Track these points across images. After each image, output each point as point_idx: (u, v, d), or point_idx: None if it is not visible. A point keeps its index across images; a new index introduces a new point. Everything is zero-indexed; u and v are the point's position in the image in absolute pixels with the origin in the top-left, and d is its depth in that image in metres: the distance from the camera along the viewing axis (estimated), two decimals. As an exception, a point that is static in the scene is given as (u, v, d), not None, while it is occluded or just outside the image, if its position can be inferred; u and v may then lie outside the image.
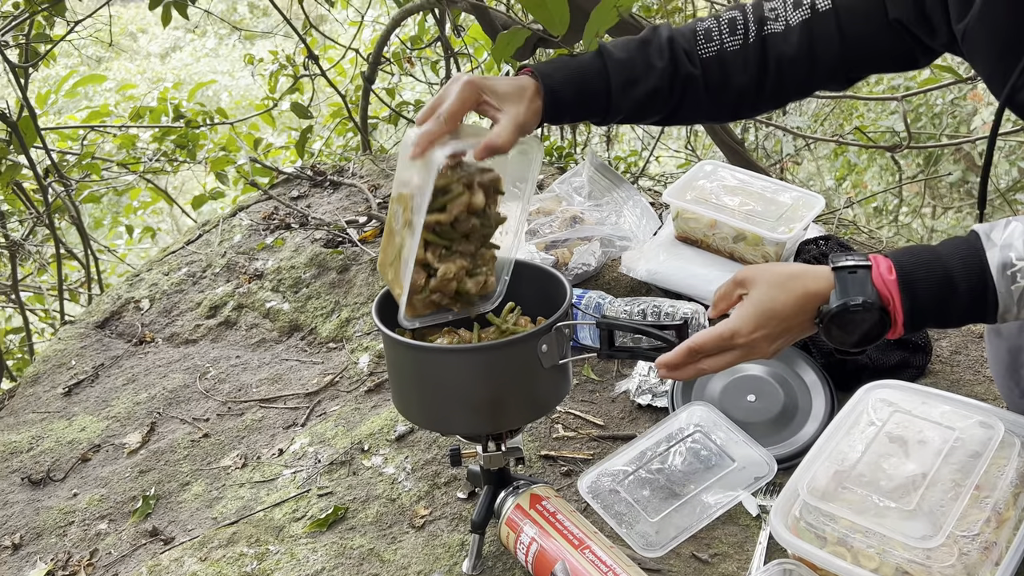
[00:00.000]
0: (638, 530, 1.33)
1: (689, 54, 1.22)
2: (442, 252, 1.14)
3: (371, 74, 2.81)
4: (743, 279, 1.10)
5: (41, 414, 1.95)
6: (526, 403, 1.21)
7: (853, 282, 1.04)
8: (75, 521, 1.59)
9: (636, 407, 1.60)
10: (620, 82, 1.20)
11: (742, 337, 1.07)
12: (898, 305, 1.02)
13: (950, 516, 1.12)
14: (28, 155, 2.58)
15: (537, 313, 1.26)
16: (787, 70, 1.24)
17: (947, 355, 1.64)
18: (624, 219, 1.90)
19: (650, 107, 1.25)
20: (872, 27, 1.20)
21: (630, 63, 1.20)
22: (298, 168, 2.68)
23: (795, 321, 1.07)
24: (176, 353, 2.08)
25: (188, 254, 2.45)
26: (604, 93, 1.21)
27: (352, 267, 2.16)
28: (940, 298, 1.02)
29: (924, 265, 1.03)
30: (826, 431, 1.29)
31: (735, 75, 1.23)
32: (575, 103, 1.20)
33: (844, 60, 1.24)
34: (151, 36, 12.72)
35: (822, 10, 1.21)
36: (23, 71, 2.64)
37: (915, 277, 1.02)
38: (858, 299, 1.02)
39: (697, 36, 1.23)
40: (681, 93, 1.24)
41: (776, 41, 1.22)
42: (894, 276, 1.03)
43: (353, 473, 1.55)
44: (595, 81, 1.20)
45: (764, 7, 1.24)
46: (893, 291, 1.02)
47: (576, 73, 1.19)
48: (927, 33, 1.19)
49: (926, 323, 1.06)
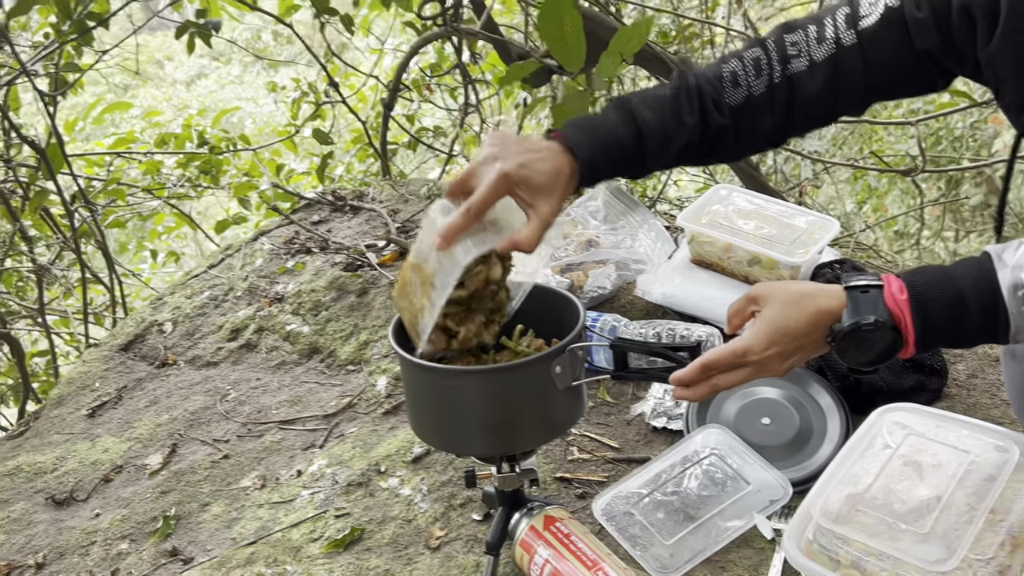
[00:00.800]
0: (652, 553, 1.33)
1: (718, 104, 1.22)
2: (460, 317, 1.17)
3: (391, 100, 2.85)
4: (756, 296, 1.11)
5: (65, 435, 1.98)
6: (540, 425, 1.22)
7: (865, 301, 1.05)
8: (97, 541, 1.62)
9: (651, 430, 1.61)
10: (654, 146, 1.21)
11: (755, 354, 1.08)
12: (909, 325, 1.03)
13: (964, 539, 1.12)
14: (56, 181, 2.63)
15: (551, 335, 1.27)
16: (812, 106, 1.24)
17: (963, 378, 1.64)
18: (639, 242, 1.91)
19: (681, 160, 1.28)
20: (898, 59, 1.20)
21: (663, 126, 1.21)
22: (319, 193, 2.72)
23: (807, 339, 1.08)
24: (198, 375, 2.11)
25: (210, 278, 2.49)
26: (638, 158, 1.22)
27: (371, 290, 2.18)
28: (951, 318, 1.03)
29: (936, 285, 1.04)
30: (840, 454, 1.29)
31: (763, 119, 1.24)
32: (610, 169, 1.22)
33: (867, 91, 1.24)
34: (177, 64, 12.94)
35: (847, 45, 1.20)
36: (52, 99, 2.70)
37: (927, 297, 1.03)
38: (870, 318, 1.03)
39: (724, 82, 1.23)
40: (712, 144, 1.25)
41: (801, 79, 1.22)
42: (905, 296, 1.04)
43: (370, 494, 1.56)
44: (630, 147, 1.21)
45: (785, 41, 1.23)
46: (905, 310, 1.03)
47: (611, 140, 1.20)
48: (955, 61, 1.19)
49: (937, 342, 1.07)
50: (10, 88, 2.81)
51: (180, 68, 12.85)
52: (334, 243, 2.39)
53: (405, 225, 2.45)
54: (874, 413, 1.35)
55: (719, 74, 1.23)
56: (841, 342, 1.06)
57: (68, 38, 2.63)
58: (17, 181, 3.02)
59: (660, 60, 2.05)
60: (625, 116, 1.21)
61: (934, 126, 4.44)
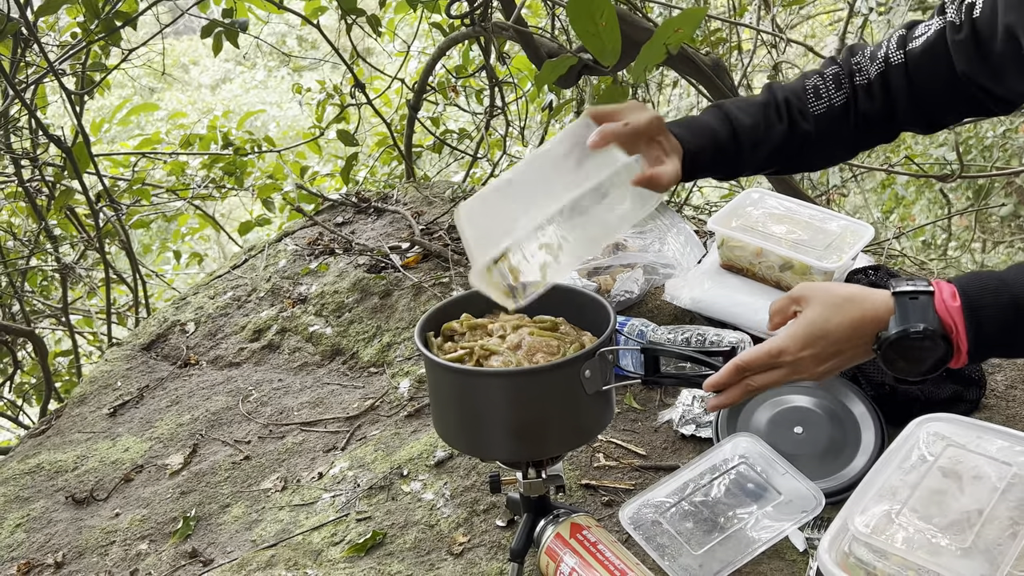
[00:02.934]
0: (681, 563, 1.29)
1: (803, 112, 1.32)
2: None
3: (416, 102, 2.84)
4: (800, 296, 1.08)
5: (87, 434, 1.98)
6: (568, 430, 1.19)
7: (914, 308, 1.01)
8: (116, 541, 1.60)
9: (679, 437, 1.58)
10: (749, 145, 1.31)
11: (789, 355, 1.05)
12: (962, 333, 0.99)
13: (1008, 555, 1.08)
14: (81, 180, 2.64)
15: (580, 339, 1.24)
16: (873, 120, 1.32)
17: (1002, 389, 1.59)
18: (668, 246, 1.88)
19: (771, 163, 1.35)
20: (941, 80, 1.26)
21: (755, 128, 1.31)
22: (343, 195, 2.71)
23: (848, 344, 1.05)
24: (220, 376, 2.10)
25: (233, 279, 2.48)
26: (735, 155, 1.31)
27: (394, 292, 2.16)
28: (1006, 326, 0.99)
29: (990, 292, 1.00)
30: (876, 464, 1.25)
31: (843, 128, 1.33)
32: (710, 165, 1.31)
33: (918, 110, 1.30)
34: (203, 68, 13.05)
35: (895, 64, 1.28)
36: (79, 98, 2.70)
37: (980, 303, 0.99)
38: (919, 326, 0.99)
39: (807, 94, 1.32)
40: (799, 148, 1.33)
41: (862, 94, 1.31)
42: (958, 303, 0.99)
43: (392, 498, 1.54)
44: (728, 145, 1.30)
45: (851, 61, 1.32)
46: (957, 318, 0.99)
47: (711, 138, 1.29)
48: (995, 83, 1.20)
49: (991, 352, 1.03)
50: (37, 87, 2.82)
51: (205, 72, 12.96)
52: (358, 245, 2.38)
53: (429, 227, 2.43)
54: (912, 423, 1.31)
55: (803, 87, 1.33)
56: (887, 351, 1.02)
57: (95, 37, 2.63)
58: (43, 180, 3.03)
59: (691, 60, 2.02)
60: (721, 117, 1.31)
61: (964, 135, 4.37)
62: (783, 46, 4.06)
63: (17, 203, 3.39)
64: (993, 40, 1.16)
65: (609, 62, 1.18)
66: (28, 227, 3.47)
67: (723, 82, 2.09)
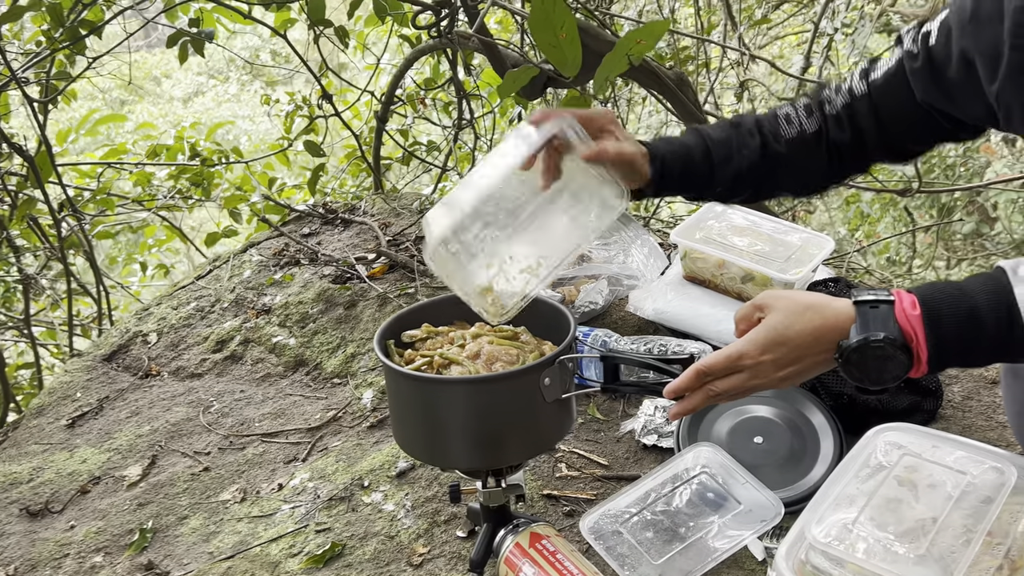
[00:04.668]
0: (641, 572, 1.29)
1: (775, 135, 1.32)
2: None
3: (384, 114, 2.83)
4: (763, 303, 1.08)
5: (44, 445, 1.94)
6: (528, 438, 1.18)
7: (875, 317, 1.00)
8: (71, 554, 1.57)
9: (641, 447, 1.58)
10: (720, 158, 1.30)
11: (749, 359, 1.04)
12: (922, 342, 0.99)
13: (961, 563, 1.08)
14: (43, 189, 2.60)
15: (540, 347, 1.24)
16: (845, 150, 1.32)
17: (959, 400, 1.61)
18: (632, 258, 1.89)
19: (743, 182, 1.34)
20: (904, 109, 1.26)
21: (727, 142, 1.31)
22: (310, 206, 2.69)
23: (808, 352, 1.04)
24: (181, 387, 2.07)
25: (197, 289, 2.45)
26: (707, 168, 1.30)
27: (359, 303, 2.15)
28: (966, 335, 0.99)
29: (949, 300, 1.00)
30: (834, 473, 1.25)
31: (815, 154, 1.32)
32: (680, 175, 1.29)
33: (885, 137, 1.31)
34: (174, 81, 12.94)
35: (859, 95, 1.29)
36: (42, 107, 2.67)
37: (940, 313, 0.99)
38: (879, 335, 0.99)
39: (779, 120, 1.33)
40: (771, 169, 1.32)
41: (832, 124, 1.31)
42: (918, 312, 0.99)
43: (352, 509, 1.52)
44: (699, 156, 1.29)
45: (820, 94, 1.34)
46: (917, 327, 0.99)
47: (681, 148, 1.29)
48: (952, 107, 1.22)
49: (950, 361, 1.03)
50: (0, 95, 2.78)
51: (177, 85, 12.86)
52: (323, 255, 2.36)
53: (396, 238, 2.42)
54: (869, 433, 1.31)
55: (775, 114, 1.34)
56: (848, 359, 1.02)
57: (59, 46, 2.60)
58: (5, 190, 2.98)
59: (656, 75, 2.04)
60: (693, 132, 1.32)
61: (927, 153, 4.43)
62: (749, 63, 4.10)
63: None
64: (948, 66, 1.18)
65: (570, 73, 1.18)
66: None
67: (687, 96, 2.11)
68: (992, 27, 1.10)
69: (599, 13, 2.68)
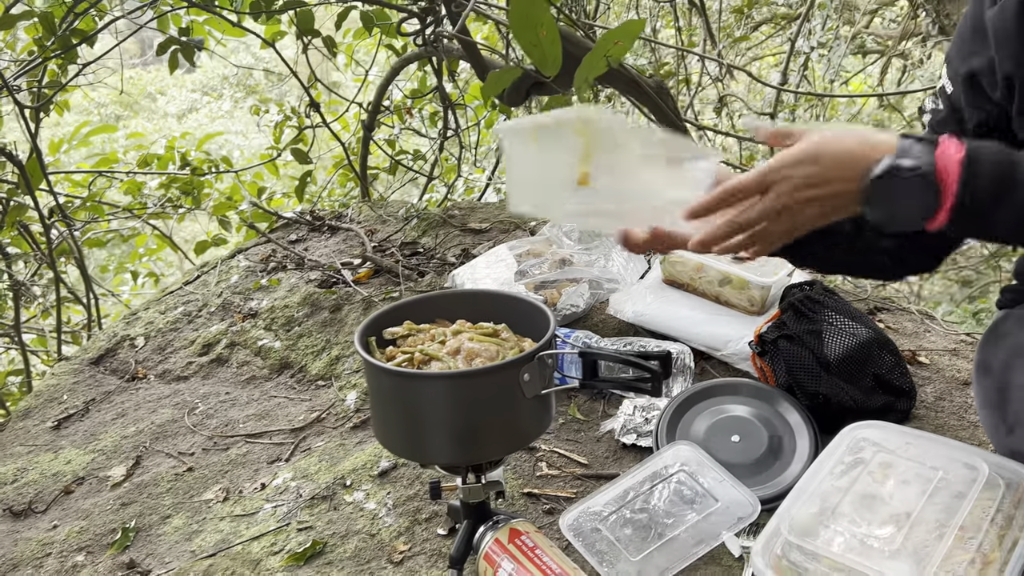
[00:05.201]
0: (619, 569, 1.27)
1: None
2: None
3: (370, 122, 2.81)
4: (804, 131, 1.00)
5: (29, 447, 1.90)
6: (507, 433, 1.16)
7: (914, 149, 0.94)
8: (52, 553, 1.53)
9: (621, 446, 1.56)
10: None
11: (780, 172, 0.96)
12: (953, 182, 0.92)
13: (935, 556, 1.07)
14: (33, 195, 2.57)
15: (520, 345, 1.22)
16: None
17: (931, 400, 1.60)
18: (612, 262, 1.87)
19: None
20: None
21: None
22: (297, 213, 2.67)
23: (837, 173, 0.96)
24: (167, 389, 2.04)
25: (185, 294, 2.42)
26: None
27: (344, 307, 2.13)
28: (997, 186, 0.93)
29: (994, 149, 0.94)
30: (810, 469, 1.24)
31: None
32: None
33: None
34: (169, 98, 12.91)
35: None
36: (33, 114, 2.64)
37: (979, 155, 0.93)
38: (910, 162, 0.92)
39: None
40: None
41: None
42: (962, 154, 0.93)
43: (334, 508, 1.50)
44: None
45: None
46: (952, 166, 0.93)
47: None
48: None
49: (975, 215, 0.95)
50: (-8, 105, 2.75)
51: (172, 102, 12.82)
52: (310, 261, 2.34)
53: (382, 244, 2.40)
54: (844, 430, 1.30)
55: None
56: (872, 186, 0.94)
57: (51, 54, 2.57)
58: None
59: (635, 82, 2.03)
60: None
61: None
62: (728, 80, 4.11)
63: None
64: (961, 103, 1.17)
65: (551, 71, 1.17)
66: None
67: (666, 104, 2.10)
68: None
69: (581, 23, 2.68)
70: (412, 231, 2.49)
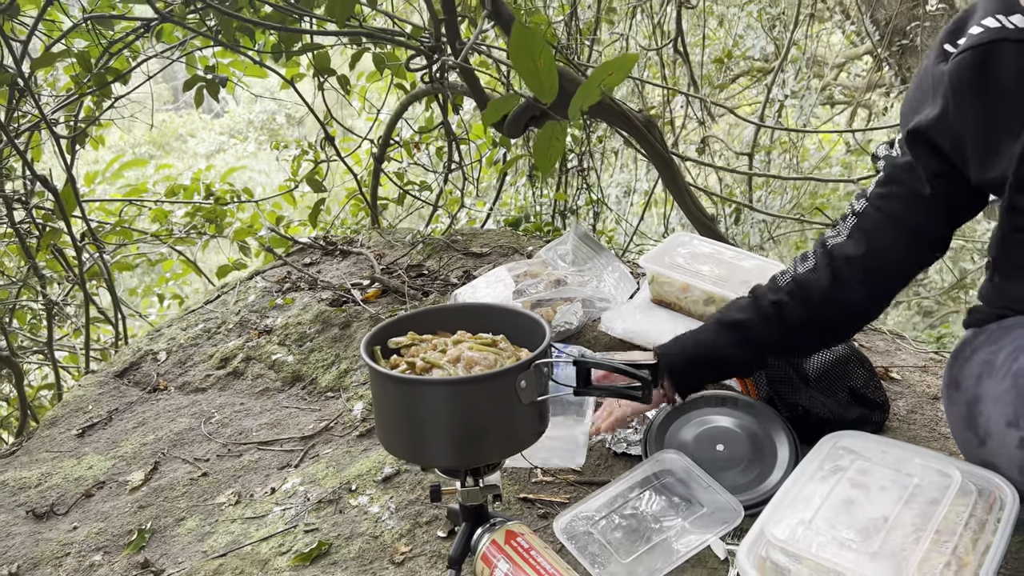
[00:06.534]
0: (610, 571, 1.22)
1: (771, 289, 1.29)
2: None
3: (381, 154, 2.79)
4: None
5: (54, 453, 1.85)
6: (504, 438, 1.12)
7: None
8: (71, 552, 1.48)
9: (612, 455, 1.51)
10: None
11: None
12: None
13: (912, 559, 1.03)
14: (66, 219, 2.54)
15: (517, 355, 1.18)
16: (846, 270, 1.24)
17: (904, 414, 1.56)
18: (604, 283, 1.84)
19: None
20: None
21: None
22: (312, 239, 2.64)
23: None
24: (186, 400, 1.99)
25: (206, 312, 2.39)
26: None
27: (354, 323, 2.09)
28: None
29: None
30: (792, 475, 1.20)
31: (813, 291, 1.25)
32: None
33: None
34: (199, 140, 12.97)
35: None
36: (69, 145, 2.62)
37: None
38: None
39: (775, 277, 1.30)
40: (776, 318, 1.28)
41: (838, 245, 1.24)
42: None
43: (340, 511, 1.45)
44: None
45: (826, 233, 1.28)
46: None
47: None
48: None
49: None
50: (31, 136, 2.73)
51: (201, 144, 12.88)
52: (322, 282, 2.30)
53: (389, 267, 2.36)
54: (824, 439, 1.26)
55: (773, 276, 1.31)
56: None
57: (87, 90, 2.56)
58: (34, 223, 2.91)
59: (625, 115, 2.01)
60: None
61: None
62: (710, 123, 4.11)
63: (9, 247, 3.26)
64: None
65: (547, 99, 1.14)
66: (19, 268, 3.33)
67: (654, 136, 2.08)
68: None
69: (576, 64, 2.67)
70: (418, 255, 2.46)
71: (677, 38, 3.19)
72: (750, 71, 6.14)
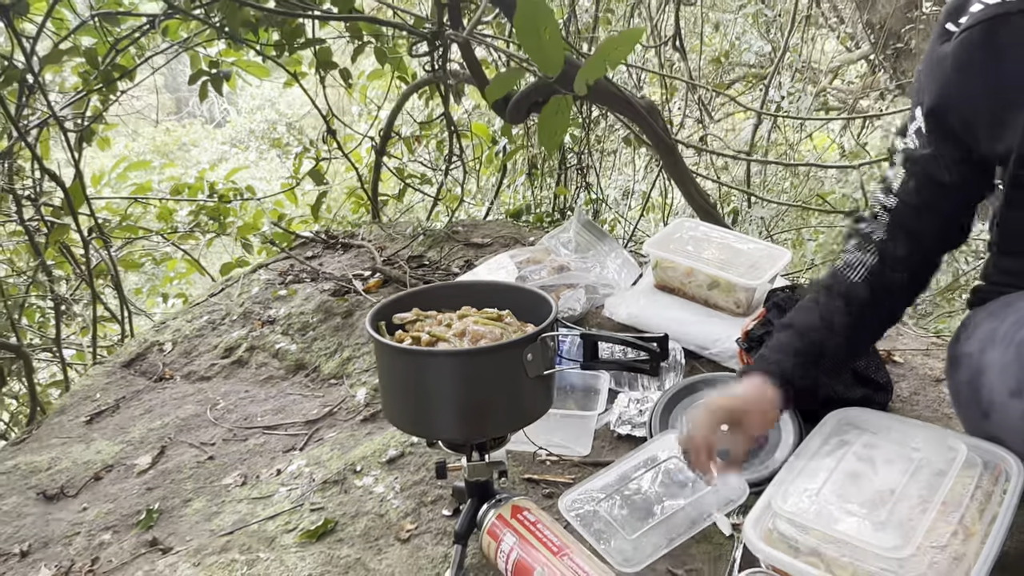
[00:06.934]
0: (616, 546, 1.20)
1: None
2: None
3: (382, 146, 2.78)
4: None
5: (63, 439, 1.84)
6: (510, 411, 1.11)
7: None
8: (81, 532, 1.46)
9: (616, 437, 1.50)
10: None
11: None
12: None
13: (919, 528, 1.01)
14: (74, 214, 2.52)
15: (524, 330, 1.17)
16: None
17: (907, 395, 1.54)
18: (607, 269, 1.83)
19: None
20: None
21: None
22: (314, 232, 2.63)
23: None
24: (191, 388, 1.98)
25: (210, 305, 2.37)
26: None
27: (356, 312, 2.07)
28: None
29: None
30: (798, 450, 1.18)
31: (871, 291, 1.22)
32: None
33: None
34: (202, 149, 12.97)
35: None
36: (78, 143, 2.60)
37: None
38: None
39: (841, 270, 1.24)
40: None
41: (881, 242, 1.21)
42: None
43: (345, 491, 1.43)
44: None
45: (860, 228, 1.24)
46: None
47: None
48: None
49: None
50: (40, 133, 2.72)
51: (204, 152, 12.88)
52: (324, 273, 2.29)
53: (390, 258, 2.35)
54: (829, 415, 1.25)
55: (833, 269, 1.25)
56: None
57: (93, 88, 2.55)
58: (43, 220, 2.90)
59: (627, 101, 2.00)
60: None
61: (869, 174, 4.40)
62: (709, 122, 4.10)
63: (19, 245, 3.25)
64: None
65: (553, 72, 1.13)
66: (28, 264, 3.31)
67: (656, 123, 2.07)
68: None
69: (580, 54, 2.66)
70: (419, 246, 2.44)
71: (675, 36, 3.18)
72: (746, 76, 6.14)
